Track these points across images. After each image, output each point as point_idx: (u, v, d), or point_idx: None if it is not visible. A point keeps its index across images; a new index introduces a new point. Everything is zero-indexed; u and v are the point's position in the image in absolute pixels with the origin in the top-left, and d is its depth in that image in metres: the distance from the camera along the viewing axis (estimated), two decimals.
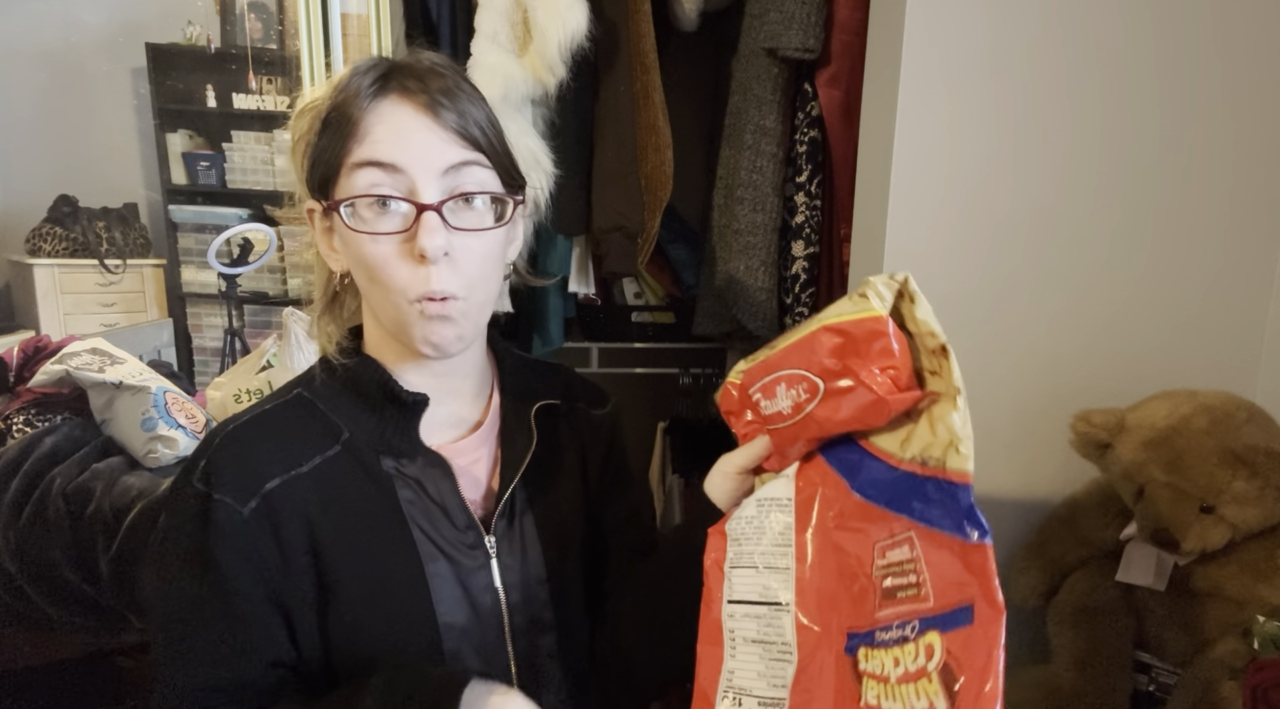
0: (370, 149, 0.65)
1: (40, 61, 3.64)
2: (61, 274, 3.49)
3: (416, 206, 0.65)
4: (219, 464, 0.68)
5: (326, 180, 0.68)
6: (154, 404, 1.54)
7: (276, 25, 3.74)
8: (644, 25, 1.33)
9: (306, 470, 0.69)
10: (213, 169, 3.72)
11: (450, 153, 0.67)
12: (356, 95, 0.67)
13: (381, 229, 0.66)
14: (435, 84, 0.67)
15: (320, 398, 0.74)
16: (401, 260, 0.66)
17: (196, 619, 0.66)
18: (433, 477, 0.73)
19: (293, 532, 0.68)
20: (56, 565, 1.37)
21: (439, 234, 0.65)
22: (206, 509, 0.66)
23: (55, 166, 3.70)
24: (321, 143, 0.68)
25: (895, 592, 0.55)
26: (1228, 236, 1.29)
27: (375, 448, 0.72)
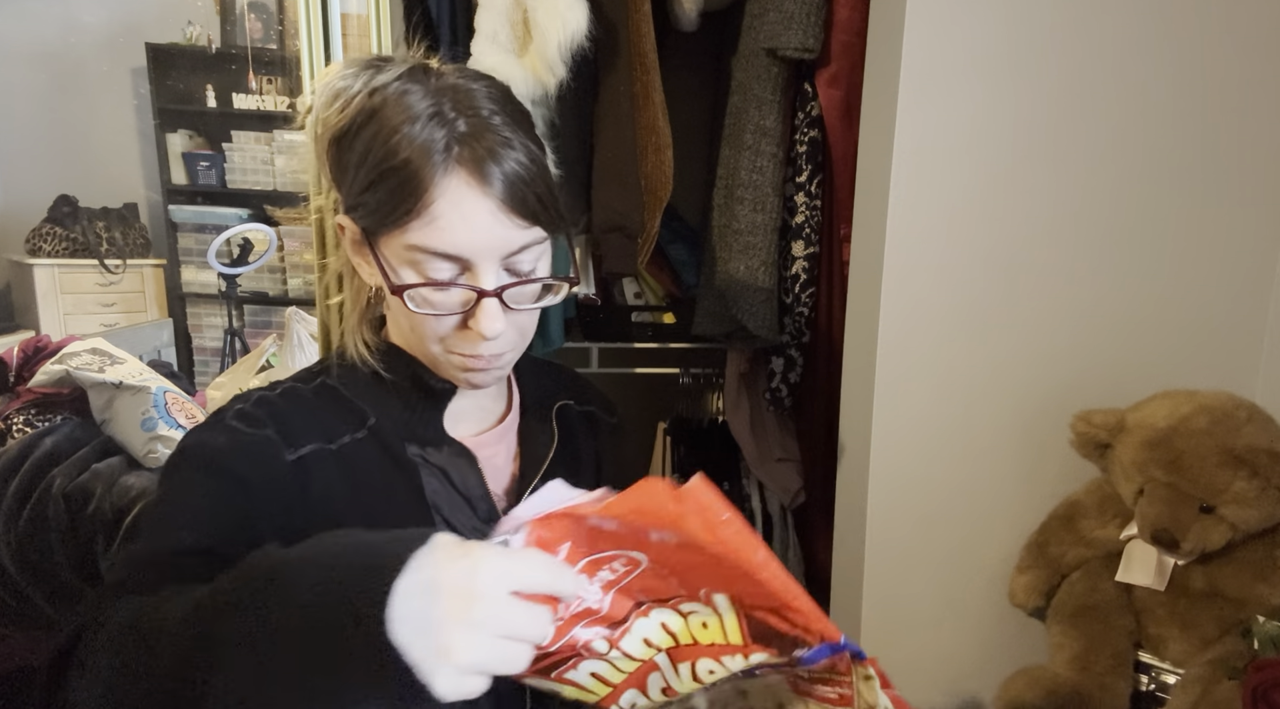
0: (438, 238, 0.63)
1: (40, 61, 3.64)
2: (61, 274, 3.49)
3: (478, 293, 0.65)
4: (259, 413, 0.67)
5: (373, 231, 0.66)
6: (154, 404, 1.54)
7: (276, 25, 3.74)
8: (644, 25, 1.33)
9: (335, 448, 0.69)
10: (213, 169, 3.72)
11: (513, 238, 0.65)
12: (426, 156, 0.62)
13: (440, 310, 0.66)
14: (506, 161, 0.63)
15: (344, 384, 0.73)
16: (452, 328, 0.67)
17: (186, 495, 0.62)
18: (459, 467, 0.73)
19: (318, 503, 0.67)
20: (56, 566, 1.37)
21: (499, 320, 0.65)
22: (248, 439, 0.64)
23: (55, 166, 3.70)
24: (376, 196, 0.64)
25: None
26: (1228, 237, 1.29)
27: (401, 435, 0.72)
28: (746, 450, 1.67)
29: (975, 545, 1.35)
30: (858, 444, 1.36)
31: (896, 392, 1.29)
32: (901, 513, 1.34)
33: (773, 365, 1.55)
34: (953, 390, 1.30)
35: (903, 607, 1.36)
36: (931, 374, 1.29)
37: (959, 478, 1.33)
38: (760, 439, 1.66)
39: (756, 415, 1.66)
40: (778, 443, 1.66)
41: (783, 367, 1.53)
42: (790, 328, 1.49)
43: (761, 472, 1.67)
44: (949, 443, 1.32)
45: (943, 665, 1.38)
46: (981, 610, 1.37)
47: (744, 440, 1.67)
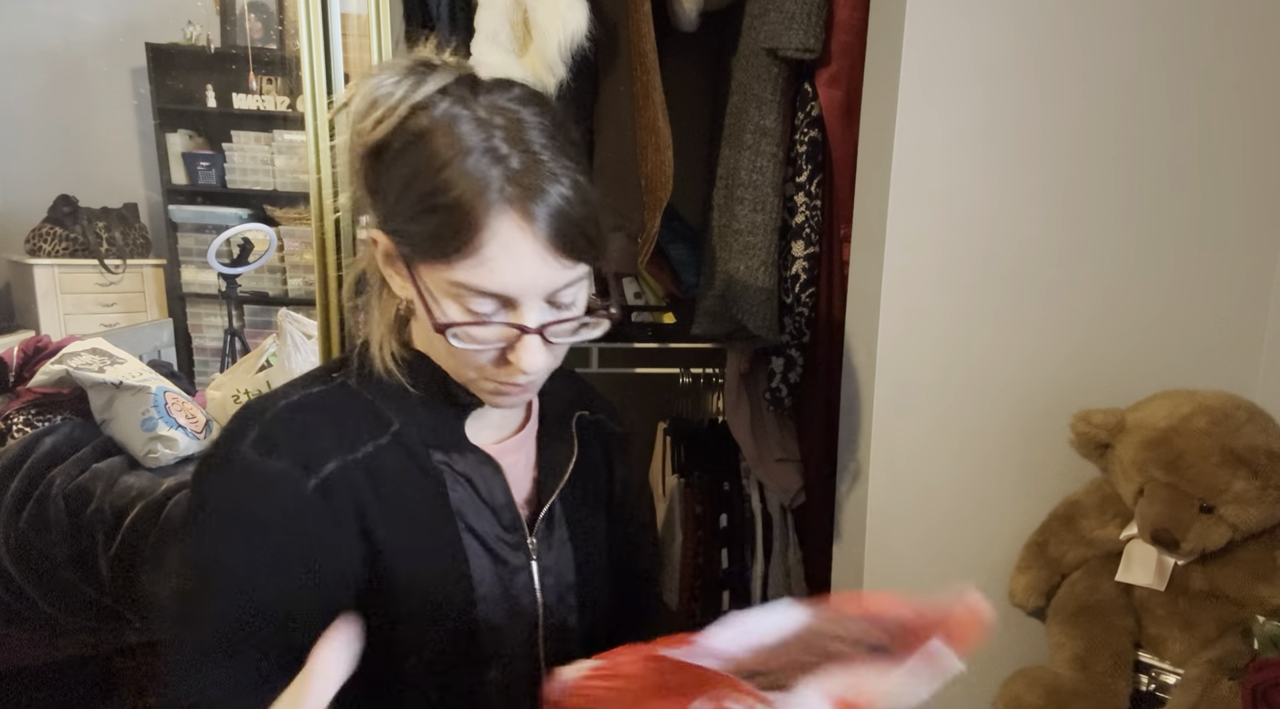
0: (486, 278, 0.62)
1: (40, 61, 3.64)
2: (61, 274, 3.48)
3: (523, 330, 0.64)
4: (276, 435, 0.65)
5: (413, 259, 0.64)
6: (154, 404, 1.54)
7: (276, 25, 3.74)
8: (644, 25, 1.33)
9: (359, 457, 0.68)
10: (213, 169, 3.72)
11: (558, 277, 0.63)
12: (480, 195, 0.60)
13: (482, 345, 0.65)
14: (555, 200, 0.61)
15: (366, 387, 0.72)
16: (491, 359, 0.66)
17: (216, 557, 0.63)
18: (484, 475, 0.73)
19: (347, 518, 0.66)
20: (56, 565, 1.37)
21: (540, 355, 0.65)
22: (266, 477, 0.63)
23: (55, 166, 3.70)
24: (420, 228, 0.62)
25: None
26: (1228, 237, 1.29)
27: (425, 441, 0.71)
28: (746, 450, 1.67)
29: (975, 545, 1.35)
30: (858, 444, 1.36)
31: (896, 392, 1.29)
32: (901, 513, 1.34)
33: (773, 365, 1.55)
34: (953, 390, 1.30)
35: None
36: (931, 374, 1.29)
37: (959, 478, 1.33)
38: (760, 439, 1.66)
39: (756, 415, 1.66)
40: (778, 443, 1.66)
41: (783, 367, 1.53)
42: (790, 328, 1.49)
43: (761, 472, 1.67)
44: (949, 443, 1.32)
45: None
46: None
47: (744, 440, 1.67)
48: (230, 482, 0.64)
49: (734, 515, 1.72)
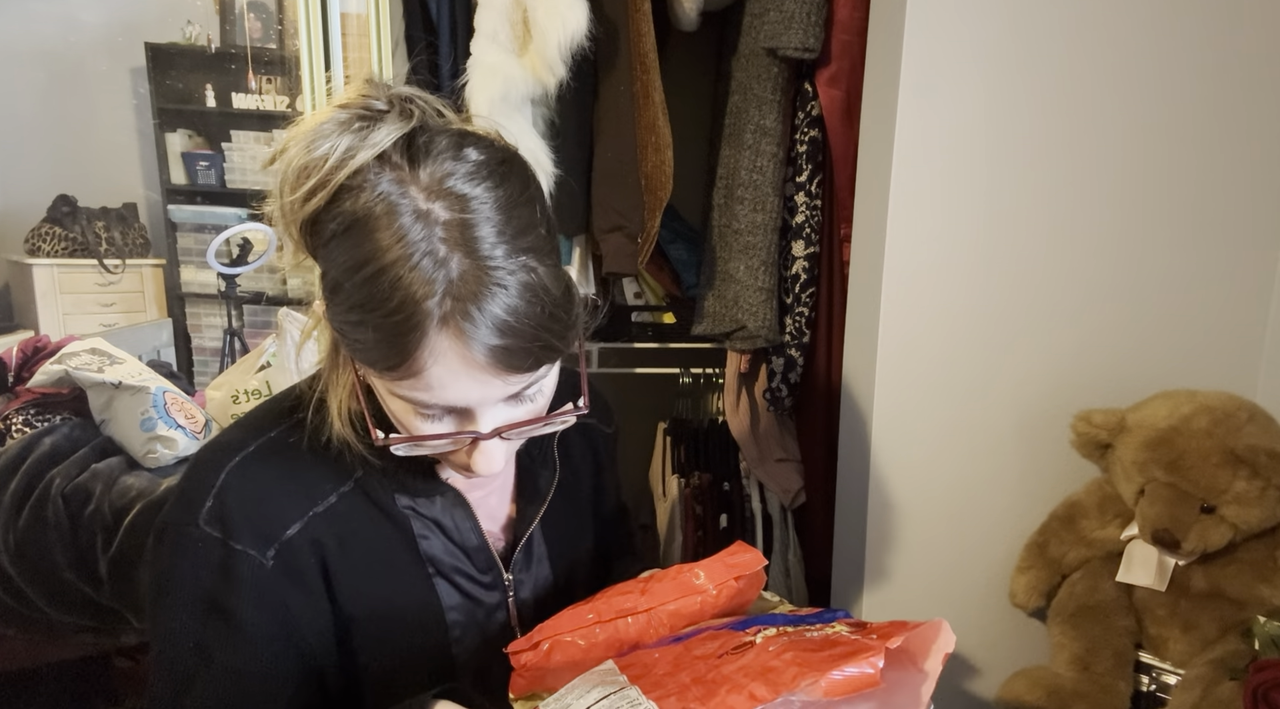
0: (430, 395, 0.56)
1: (39, 61, 3.63)
2: (60, 274, 3.48)
3: (478, 437, 0.59)
4: (231, 507, 0.61)
5: (358, 358, 0.58)
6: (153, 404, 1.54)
7: (276, 25, 3.74)
8: (644, 25, 1.33)
9: (322, 510, 0.64)
10: (212, 169, 3.72)
11: (509, 388, 0.58)
12: (416, 308, 0.53)
13: (437, 445, 0.60)
14: (497, 312, 0.54)
15: (327, 427, 0.66)
16: (450, 451, 0.62)
17: (206, 671, 0.61)
18: (454, 517, 0.69)
19: (312, 577, 0.64)
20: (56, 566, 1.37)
21: (499, 456, 0.61)
22: (226, 560, 0.61)
23: (54, 166, 3.70)
24: (364, 337, 0.55)
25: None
26: (1228, 237, 1.29)
27: (389, 486, 0.67)
28: (746, 450, 1.67)
29: (975, 545, 1.35)
30: (858, 444, 1.36)
31: (896, 392, 1.29)
32: (901, 513, 1.34)
33: (773, 365, 1.55)
34: (953, 390, 1.30)
35: (903, 607, 1.36)
36: (932, 374, 1.29)
37: (959, 478, 1.33)
38: (760, 439, 1.66)
39: (756, 415, 1.66)
40: (778, 443, 1.66)
41: (783, 367, 1.53)
42: (790, 328, 1.49)
43: (761, 472, 1.67)
44: (949, 443, 1.32)
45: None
46: (981, 610, 1.37)
47: (744, 440, 1.67)
48: (191, 563, 0.61)
49: (734, 515, 1.72)
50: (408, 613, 0.67)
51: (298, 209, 0.56)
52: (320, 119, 0.56)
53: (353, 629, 0.66)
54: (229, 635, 0.61)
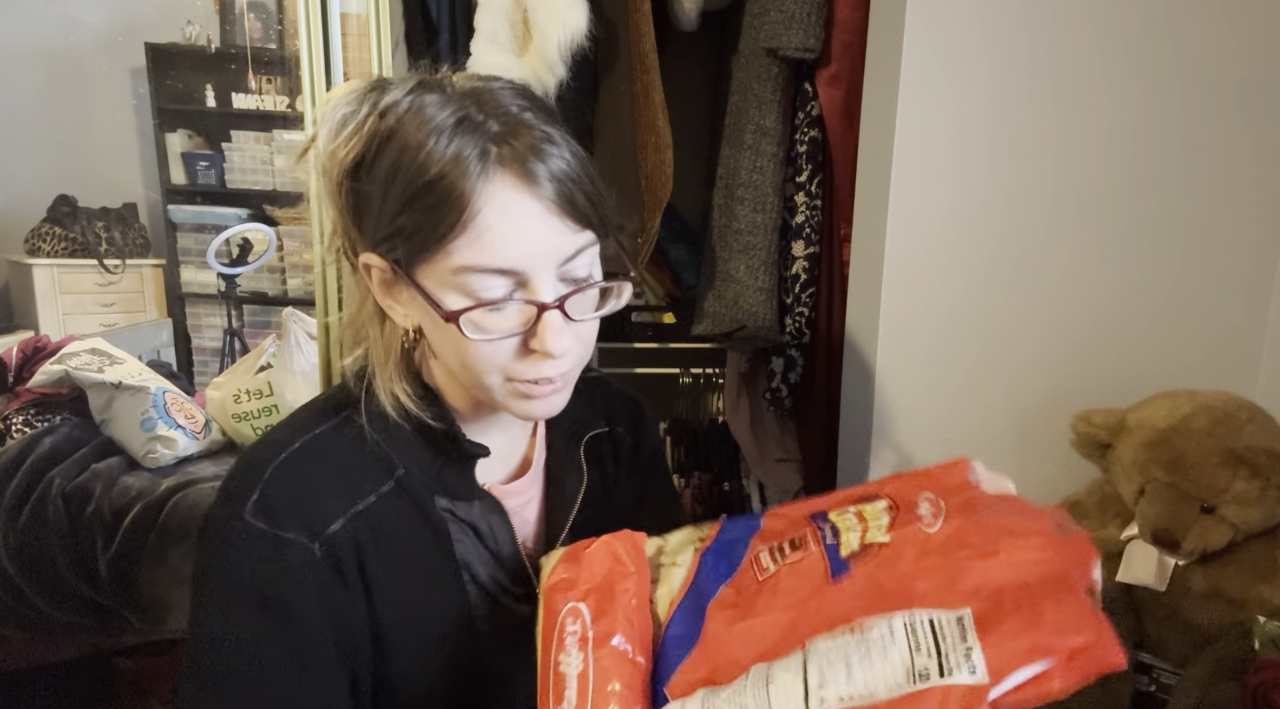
0: (489, 252, 0.57)
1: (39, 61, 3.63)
2: (60, 274, 3.48)
3: (539, 307, 0.59)
4: (279, 499, 0.61)
5: (411, 260, 0.60)
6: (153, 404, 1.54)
7: (276, 25, 3.74)
8: (644, 25, 1.33)
9: (362, 508, 0.64)
10: (212, 169, 3.72)
11: (566, 243, 0.59)
12: (462, 165, 0.56)
13: (500, 332, 0.59)
14: (533, 144, 0.57)
15: (372, 424, 0.66)
16: (512, 352, 0.61)
17: (255, 669, 0.59)
18: (491, 523, 0.68)
19: (352, 575, 0.63)
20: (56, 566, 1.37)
21: (565, 334, 0.60)
22: (278, 549, 0.60)
23: (54, 166, 3.70)
24: (410, 219, 0.58)
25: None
26: (1228, 237, 1.29)
27: (430, 487, 0.66)
28: (746, 450, 1.67)
29: None
30: (858, 444, 1.36)
31: (896, 392, 1.29)
32: None
33: (773, 365, 1.55)
34: (953, 390, 1.30)
35: None
36: (931, 374, 1.29)
37: None
38: (760, 439, 1.66)
39: (756, 415, 1.66)
40: (778, 443, 1.66)
41: (783, 367, 1.53)
42: (790, 328, 1.49)
43: (761, 471, 1.67)
44: (949, 443, 1.32)
45: None
46: None
47: (744, 440, 1.67)
48: (239, 556, 0.60)
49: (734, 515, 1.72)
50: (439, 618, 0.66)
51: (340, 156, 0.60)
52: (341, 91, 0.62)
53: (386, 632, 0.65)
54: (284, 627, 0.60)
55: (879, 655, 0.51)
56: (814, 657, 0.52)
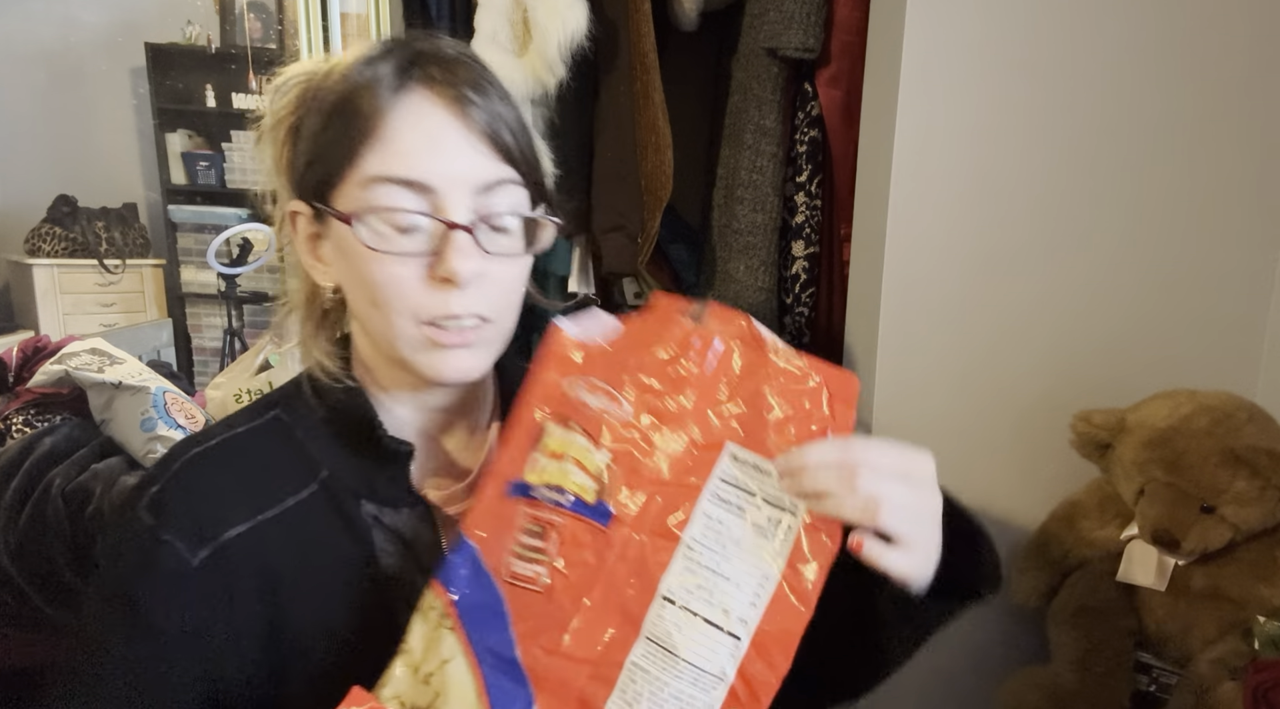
0: (394, 162, 0.55)
1: (39, 61, 3.64)
2: (61, 274, 3.49)
3: (446, 225, 0.56)
4: (173, 497, 0.58)
5: (326, 184, 0.58)
6: (153, 404, 1.54)
7: (276, 25, 3.74)
8: (644, 25, 1.33)
9: (275, 514, 0.59)
10: (212, 169, 3.72)
11: (484, 169, 0.57)
12: (374, 84, 0.56)
13: (403, 249, 0.56)
14: (465, 76, 0.57)
15: (300, 424, 0.63)
16: (419, 282, 0.56)
17: (103, 661, 0.57)
18: (420, 532, 0.62)
19: (248, 590, 0.57)
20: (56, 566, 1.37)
21: (472, 257, 0.56)
22: (150, 549, 0.56)
23: (54, 166, 3.70)
24: (325, 138, 0.57)
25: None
26: (1228, 237, 1.29)
27: (357, 490, 0.61)
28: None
29: None
30: None
31: (896, 392, 1.29)
32: None
33: None
34: (952, 391, 1.30)
35: None
36: (931, 374, 1.29)
37: (959, 478, 1.32)
38: None
39: None
40: None
41: None
42: (790, 328, 1.49)
43: None
44: (949, 443, 1.32)
45: (943, 665, 1.38)
46: (981, 611, 1.36)
47: None
48: (119, 547, 0.58)
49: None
50: (361, 636, 0.59)
51: (279, 109, 0.61)
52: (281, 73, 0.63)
53: (300, 649, 0.59)
54: (139, 636, 0.56)
55: (730, 543, 0.49)
56: (678, 594, 0.49)
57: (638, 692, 0.48)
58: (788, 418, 0.52)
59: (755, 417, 0.52)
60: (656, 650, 0.48)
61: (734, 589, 0.48)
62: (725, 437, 0.51)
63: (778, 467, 0.51)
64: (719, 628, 0.48)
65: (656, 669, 0.48)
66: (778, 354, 0.54)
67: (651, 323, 0.55)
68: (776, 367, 0.53)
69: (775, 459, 0.51)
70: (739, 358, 0.54)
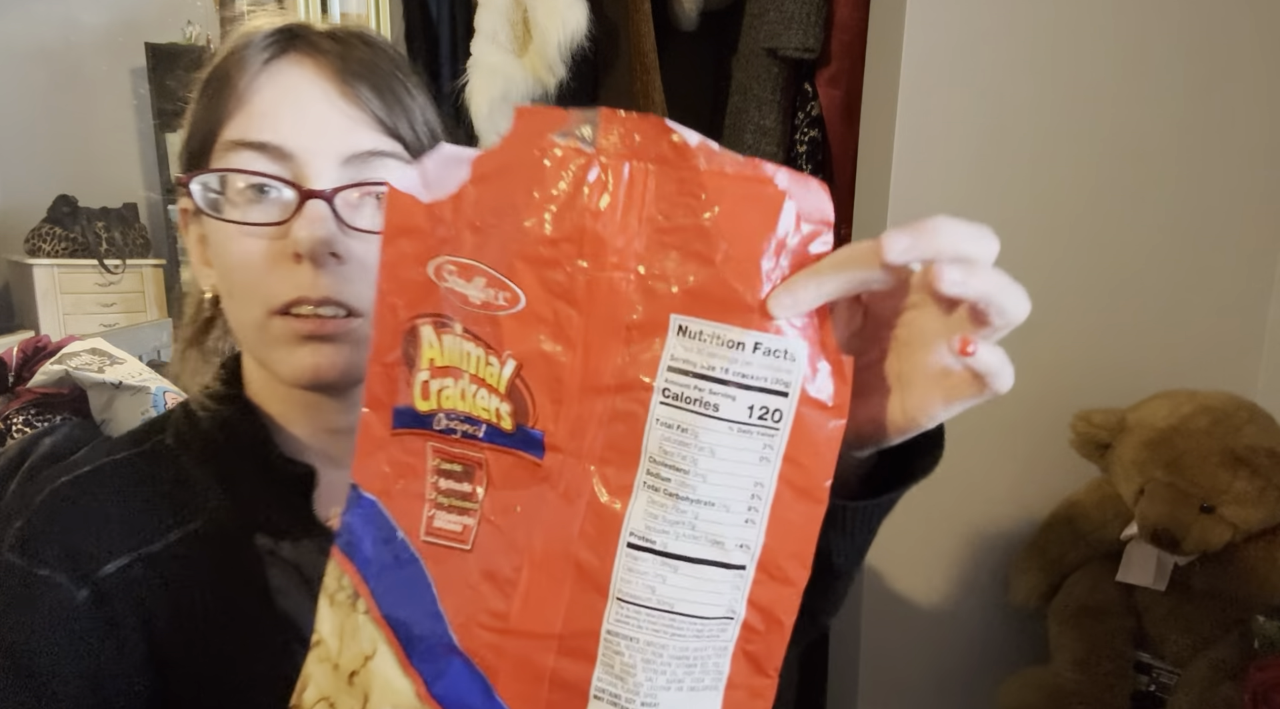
0: (252, 125, 0.50)
1: (39, 61, 3.64)
2: (61, 274, 3.49)
3: (300, 193, 0.49)
4: (42, 531, 0.51)
5: (197, 159, 0.53)
6: (154, 404, 1.54)
7: None
8: (644, 25, 1.33)
9: (158, 549, 0.52)
10: None
11: (356, 136, 0.51)
12: (252, 54, 0.51)
13: (252, 218, 0.50)
14: (356, 54, 0.52)
15: (188, 450, 0.56)
16: (273, 262, 0.50)
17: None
18: (320, 564, 0.52)
19: (131, 628, 0.51)
20: None
21: (322, 224, 0.49)
22: (29, 589, 0.50)
23: (55, 166, 3.70)
24: (198, 112, 0.53)
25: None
26: (1228, 236, 1.29)
27: (250, 523, 0.54)
28: None
29: (975, 545, 1.35)
30: None
31: None
32: (900, 513, 1.33)
33: None
34: None
35: (902, 607, 1.36)
36: None
37: (959, 478, 1.33)
38: None
39: None
40: None
41: None
42: None
43: None
44: (949, 443, 1.31)
45: (943, 666, 1.38)
46: (981, 610, 1.37)
47: None
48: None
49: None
50: (257, 684, 0.53)
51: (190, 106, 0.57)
52: None
53: (187, 694, 0.53)
54: (23, 683, 0.49)
55: (702, 454, 0.36)
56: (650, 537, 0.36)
57: (628, 663, 0.37)
58: (746, 253, 0.36)
59: (700, 265, 0.36)
60: (638, 612, 0.37)
61: (720, 513, 0.36)
62: (665, 306, 0.36)
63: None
64: (714, 564, 0.36)
65: (646, 634, 0.37)
66: (712, 162, 0.38)
67: (524, 155, 0.36)
68: (715, 182, 0.38)
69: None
70: (658, 183, 0.37)
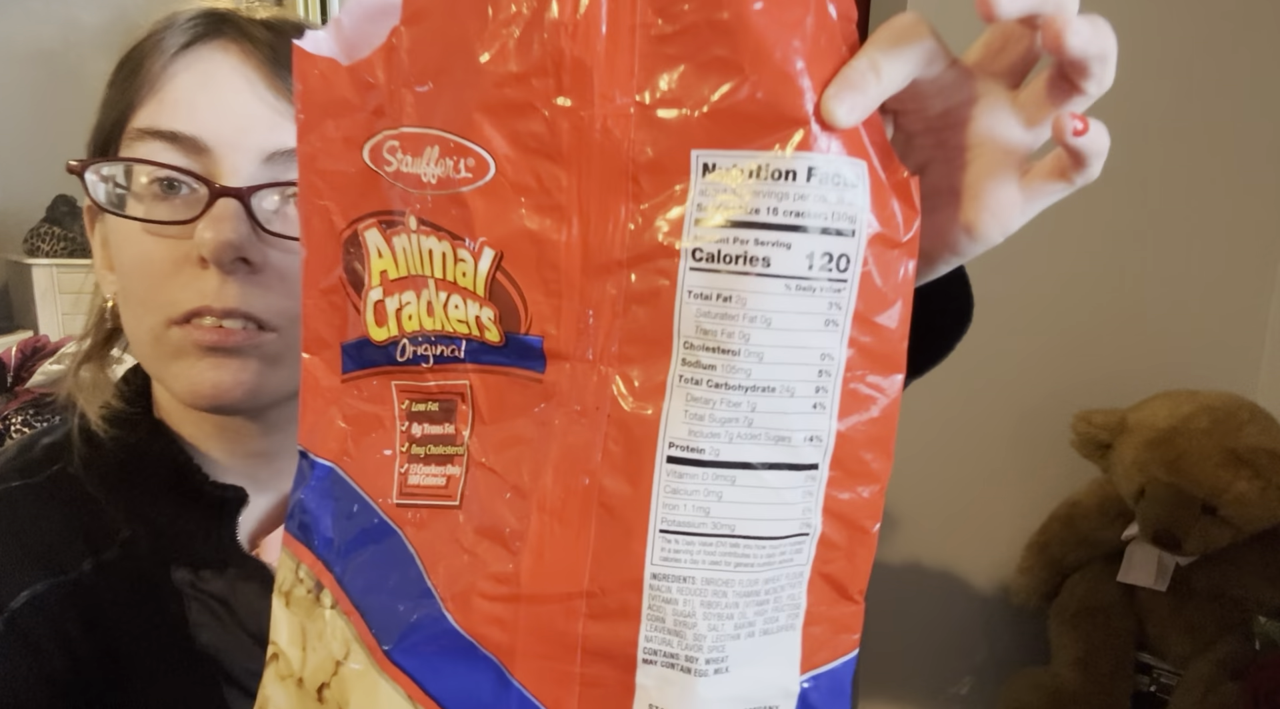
0: (163, 113, 0.44)
1: (39, 61, 3.64)
2: (60, 274, 3.48)
3: (211, 189, 0.43)
4: None
5: (101, 151, 0.48)
6: None
7: None
8: None
9: (69, 580, 0.47)
10: None
11: (284, 133, 0.45)
12: (165, 31, 0.46)
13: (156, 216, 0.44)
14: (285, 32, 0.46)
15: (92, 478, 0.50)
16: (175, 266, 0.44)
17: None
18: (246, 595, 0.49)
19: (49, 658, 0.46)
20: None
21: (231, 226, 0.42)
22: None
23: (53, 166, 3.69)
24: (106, 100, 0.48)
25: None
26: (1228, 237, 1.29)
27: (165, 554, 0.49)
28: None
29: (975, 545, 1.35)
30: None
31: None
32: (901, 513, 1.34)
33: None
34: (953, 390, 1.30)
35: (903, 607, 1.36)
36: (931, 374, 1.29)
37: (959, 478, 1.33)
38: None
39: None
40: None
41: None
42: None
43: None
44: (949, 443, 1.32)
45: (943, 666, 1.38)
46: (982, 610, 1.37)
47: None
48: None
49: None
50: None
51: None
52: None
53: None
54: None
55: (754, 326, 0.26)
56: (697, 445, 0.27)
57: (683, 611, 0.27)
58: (782, 50, 0.25)
59: (723, 75, 0.26)
60: (690, 543, 0.27)
61: (783, 401, 0.27)
62: (682, 140, 0.26)
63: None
64: (780, 467, 0.27)
65: (703, 570, 0.27)
66: None
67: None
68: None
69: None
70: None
